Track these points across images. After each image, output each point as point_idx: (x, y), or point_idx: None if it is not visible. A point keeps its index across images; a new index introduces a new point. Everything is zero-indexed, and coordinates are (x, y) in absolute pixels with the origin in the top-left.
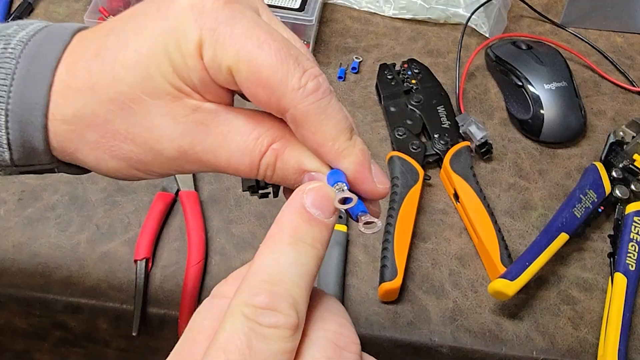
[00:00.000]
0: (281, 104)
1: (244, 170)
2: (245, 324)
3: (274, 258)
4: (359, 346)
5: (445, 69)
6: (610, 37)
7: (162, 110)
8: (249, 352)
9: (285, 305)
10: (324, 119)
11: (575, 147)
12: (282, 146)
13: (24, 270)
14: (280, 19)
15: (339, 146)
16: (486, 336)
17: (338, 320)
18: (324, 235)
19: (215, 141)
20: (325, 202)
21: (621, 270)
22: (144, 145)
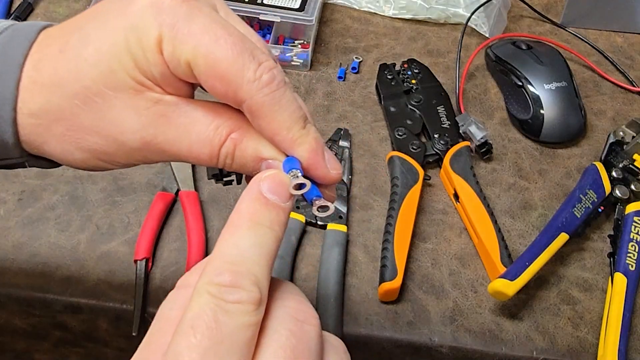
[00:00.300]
0: (238, 96)
1: (204, 159)
2: (211, 301)
3: (235, 241)
4: (318, 320)
5: (445, 69)
6: (610, 37)
7: (125, 104)
8: (216, 326)
9: (247, 282)
10: (279, 109)
11: (575, 147)
12: (240, 136)
13: (24, 270)
14: (236, 14)
15: (293, 135)
16: (486, 336)
17: (296, 298)
18: (281, 218)
19: (176, 132)
20: (280, 187)
21: (621, 270)
22: (108, 137)
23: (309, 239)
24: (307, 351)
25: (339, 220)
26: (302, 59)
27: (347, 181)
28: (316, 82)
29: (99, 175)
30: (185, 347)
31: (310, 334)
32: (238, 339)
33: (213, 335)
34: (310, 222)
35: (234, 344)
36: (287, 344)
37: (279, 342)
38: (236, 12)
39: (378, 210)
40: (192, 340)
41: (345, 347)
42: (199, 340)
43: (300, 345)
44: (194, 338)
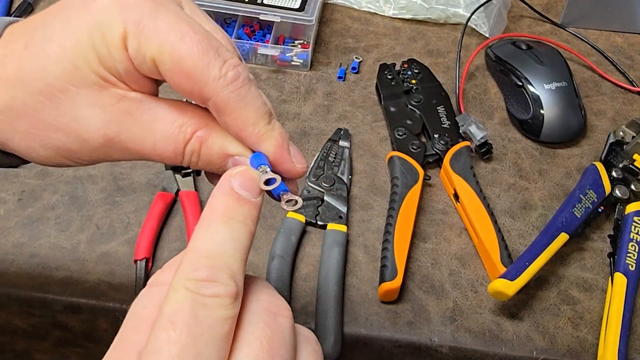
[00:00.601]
0: (203, 93)
1: (169, 157)
2: (188, 296)
3: (210, 236)
4: (291, 312)
5: (445, 69)
6: (610, 37)
7: (89, 100)
8: (195, 321)
9: (224, 276)
10: (244, 105)
11: (575, 147)
12: (206, 133)
13: (24, 270)
14: (203, 11)
15: (259, 130)
16: (486, 336)
17: (269, 292)
18: (254, 212)
19: (140, 129)
20: (251, 183)
21: (621, 270)
22: (72, 134)
23: (309, 239)
24: (281, 341)
25: (339, 220)
26: (302, 59)
27: (347, 181)
28: (316, 82)
29: (99, 175)
30: (165, 342)
31: (283, 325)
32: (216, 333)
33: (192, 329)
34: (310, 222)
35: (213, 337)
36: (262, 334)
37: (255, 334)
38: (236, 12)
39: (378, 210)
40: (172, 335)
41: (316, 338)
42: (178, 335)
43: (275, 335)
44: (173, 333)
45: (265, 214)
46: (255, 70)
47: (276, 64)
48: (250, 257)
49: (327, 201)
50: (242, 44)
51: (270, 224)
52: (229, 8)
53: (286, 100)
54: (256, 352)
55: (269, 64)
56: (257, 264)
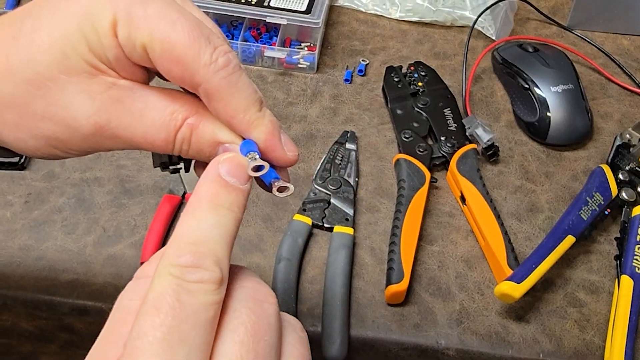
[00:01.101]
0: (194, 79)
1: (160, 145)
2: (173, 281)
3: (195, 223)
4: (276, 300)
5: (452, 71)
6: (617, 40)
7: (78, 88)
8: (179, 305)
9: (209, 262)
10: (235, 92)
11: (581, 150)
12: (197, 121)
13: (30, 272)
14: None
15: (250, 117)
16: (492, 339)
17: (254, 279)
18: (241, 199)
19: (131, 117)
20: (239, 169)
21: (627, 272)
22: (61, 123)
23: (316, 242)
24: (266, 326)
25: (346, 223)
26: (308, 62)
27: (354, 184)
28: (323, 85)
29: (106, 178)
30: (150, 327)
31: (269, 312)
32: (201, 318)
33: (176, 314)
34: (317, 224)
35: (197, 322)
36: (247, 320)
37: (240, 319)
38: (242, 14)
39: (385, 213)
40: (156, 320)
41: (302, 326)
42: (162, 320)
43: (260, 321)
44: (157, 318)
45: (271, 217)
46: (262, 73)
47: (283, 66)
48: (257, 259)
49: (334, 204)
50: (249, 47)
51: (277, 227)
52: (235, 11)
53: (293, 102)
54: (241, 337)
55: (276, 66)
56: (264, 267)
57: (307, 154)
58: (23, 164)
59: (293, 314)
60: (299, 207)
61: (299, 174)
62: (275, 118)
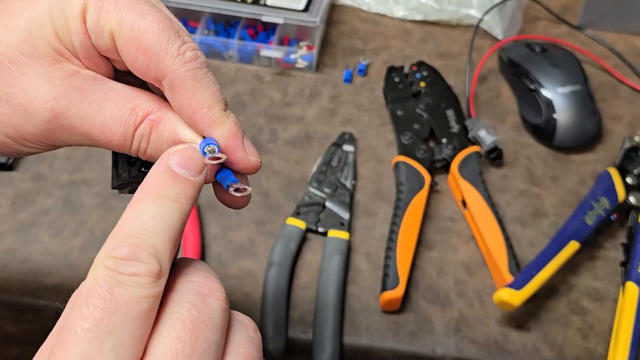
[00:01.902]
0: (160, 69)
1: (117, 140)
2: (106, 273)
3: (136, 215)
4: (224, 295)
5: (456, 71)
6: (629, 40)
7: (39, 72)
8: (110, 297)
9: (146, 255)
10: (201, 86)
11: (589, 153)
12: (158, 117)
13: (16, 275)
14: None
15: (214, 114)
16: (491, 347)
17: (202, 274)
18: (189, 191)
19: (90, 107)
20: (190, 161)
21: (633, 279)
22: (17, 106)
23: (309, 246)
24: (208, 322)
25: (341, 227)
26: (307, 61)
27: (351, 187)
28: (321, 85)
29: (95, 180)
30: (78, 317)
31: (212, 307)
32: (133, 310)
33: (106, 306)
34: (311, 228)
35: (129, 315)
36: (186, 315)
37: (179, 314)
38: (238, 13)
39: (382, 217)
40: (85, 311)
41: (255, 327)
42: (91, 311)
43: (201, 317)
44: (86, 308)
45: (264, 220)
46: (259, 73)
47: (280, 66)
48: (248, 264)
49: (329, 207)
50: (245, 46)
51: (270, 231)
52: (231, 10)
53: (290, 103)
54: (178, 331)
55: (273, 66)
56: (255, 272)
57: (303, 156)
58: (11, 165)
59: (283, 320)
60: (293, 210)
61: (293, 176)
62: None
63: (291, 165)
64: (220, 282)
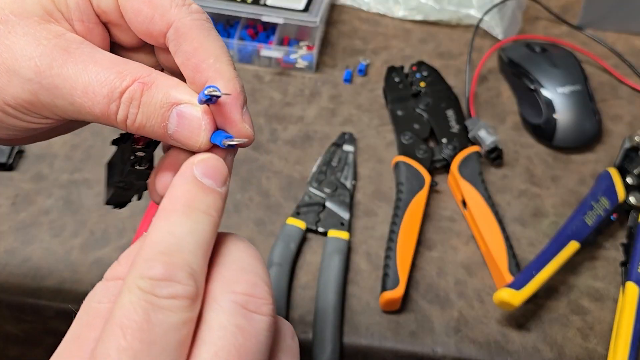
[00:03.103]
0: (165, 18)
1: (100, 104)
2: (142, 297)
3: (169, 229)
4: (272, 306)
5: (456, 71)
6: (629, 40)
7: (25, 30)
8: (148, 327)
9: (183, 275)
10: (208, 36)
11: (589, 153)
12: (150, 81)
13: (16, 275)
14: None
15: (221, 65)
16: (491, 347)
17: (250, 280)
18: (218, 203)
19: (74, 67)
20: (216, 171)
21: (633, 279)
22: (1, 65)
23: (309, 246)
24: (255, 348)
25: (341, 227)
26: (307, 61)
27: (351, 187)
28: (321, 85)
29: (94, 180)
30: (115, 350)
31: (260, 326)
32: (172, 339)
33: (145, 336)
34: (311, 228)
35: (168, 345)
36: (232, 342)
37: (223, 340)
38: (238, 13)
39: (382, 217)
40: (122, 343)
41: (293, 332)
42: (129, 343)
43: (247, 342)
44: (124, 340)
45: (264, 220)
46: (259, 73)
47: (280, 66)
48: None
49: (329, 207)
50: (245, 46)
51: (270, 231)
52: (231, 10)
53: (290, 103)
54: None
55: (273, 66)
56: None
57: (303, 156)
58: (11, 165)
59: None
60: (293, 210)
61: (293, 176)
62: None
63: (291, 165)
64: (269, 286)
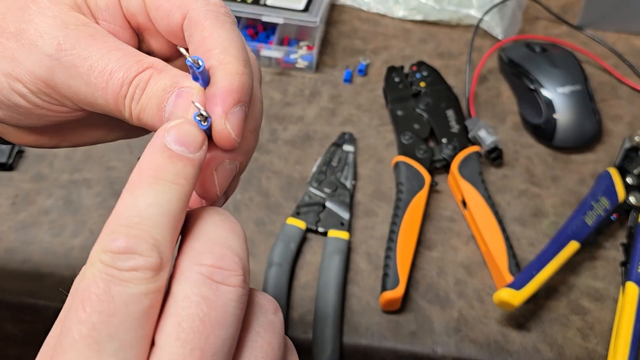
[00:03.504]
0: (181, 9)
1: (114, 85)
2: (102, 270)
3: (132, 201)
4: (241, 278)
5: (456, 71)
6: (629, 40)
7: (55, 14)
8: (107, 298)
9: (145, 247)
10: (220, 27)
11: (589, 153)
12: (160, 68)
13: (16, 275)
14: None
15: (225, 57)
16: (491, 347)
17: (218, 252)
18: (188, 170)
19: (97, 50)
20: (188, 136)
21: (633, 279)
22: (25, 40)
23: (309, 246)
24: (221, 319)
25: (341, 227)
26: (307, 61)
27: (351, 187)
28: (322, 85)
29: (95, 179)
30: (75, 322)
31: (226, 297)
32: (133, 310)
33: (104, 308)
34: (311, 228)
35: (129, 316)
36: (196, 313)
37: (187, 311)
38: (239, 13)
39: (382, 217)
40: (81, 315)
41: (276, 307)
42: (89, 314)
43: (212, 312)
44: (83, 312)
45: (264, 220)
46: None
47: (280, 66)
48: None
49: (329, 207)
50: None
51: (270, 231)
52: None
53: (290, 103)
54: (186, 333)
55: (273, 66)
56: (256, 272)
57: (303, 156)
58: (11, 165)
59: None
60: (293, 210)
61: (293, 176)
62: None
63: (291, 165)
64: (239, 257)
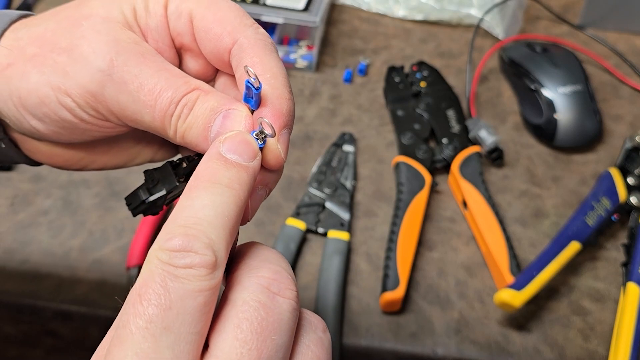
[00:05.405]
0: (232, 35)
1: (162, 104)
2: (159, 266)
3: (189, 203)
4: (295, 293)
5: (457, 71)
6: (630, 40)
7: (108, 30)
8: (164, 293)
9: (199, 246)
10: (269, 54)
11: (590, 153)
12: (207, 90)
13: (14, 276)
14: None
15: (275, 82)
16: (492, 348)
17: (273, 268)
18: (242, 176)
19: (147, 69)
20: (242, 145)
21: (634, 279)
22: (78, 55)
23: (309, 247)
24: (277, 325)
25: (341, 228)
26: (307, 61)
27: (351, 187)
28: (321, 85)
29: (94, 180)
30: (132, 315)
31: (282, 307)
32: (189, 305)
33: (160, 301)
34: (311, 229)
35: (185, 310)
36: (254, 316)
37: (246, 314)
38: None
39: (383, 218)
40: (138, 308)
41: (325, 326)
42: (145, 307)
43: (270, 318)
44: (140, 305)
45: (264, 221)
46: None
47: None
48: None
49: (329, 208)
50: None
51: (269, 231)
52: None
53: None
54: (244, 333)
55: None
56: None
57: (303, 157)
58: (10, 165)
59: None
60: (293, 210)
61: (293, 176)
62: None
63: (291, 166)
64: (292, 277)
